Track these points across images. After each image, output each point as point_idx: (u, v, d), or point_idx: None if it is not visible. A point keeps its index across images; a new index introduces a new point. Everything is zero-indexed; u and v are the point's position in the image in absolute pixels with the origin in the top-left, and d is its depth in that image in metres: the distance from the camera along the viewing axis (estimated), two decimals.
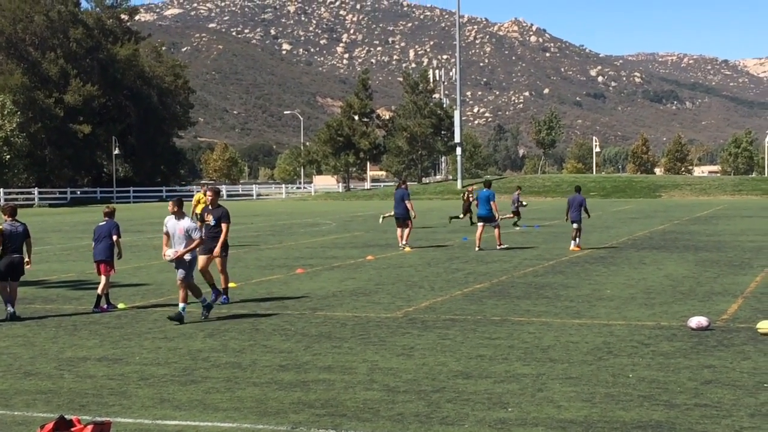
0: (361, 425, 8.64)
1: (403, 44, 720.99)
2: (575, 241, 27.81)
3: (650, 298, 17.01)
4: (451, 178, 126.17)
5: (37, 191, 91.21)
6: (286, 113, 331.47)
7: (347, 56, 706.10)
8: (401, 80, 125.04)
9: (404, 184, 30.24)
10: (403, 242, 28.86)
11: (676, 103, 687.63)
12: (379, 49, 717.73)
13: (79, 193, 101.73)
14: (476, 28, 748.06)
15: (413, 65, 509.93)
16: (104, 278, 16.52)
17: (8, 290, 15.57)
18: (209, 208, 17.23)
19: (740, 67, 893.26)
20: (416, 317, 15.12)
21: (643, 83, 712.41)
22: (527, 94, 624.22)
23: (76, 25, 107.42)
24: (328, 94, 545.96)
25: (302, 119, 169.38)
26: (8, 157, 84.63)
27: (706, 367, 10.89)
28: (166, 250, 15.36)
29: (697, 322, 13.49)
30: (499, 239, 28.31)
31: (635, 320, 14.47)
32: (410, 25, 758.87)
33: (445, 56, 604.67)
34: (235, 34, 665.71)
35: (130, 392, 10.09)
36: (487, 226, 28.28)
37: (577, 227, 27.87)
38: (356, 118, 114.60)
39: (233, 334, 13.80)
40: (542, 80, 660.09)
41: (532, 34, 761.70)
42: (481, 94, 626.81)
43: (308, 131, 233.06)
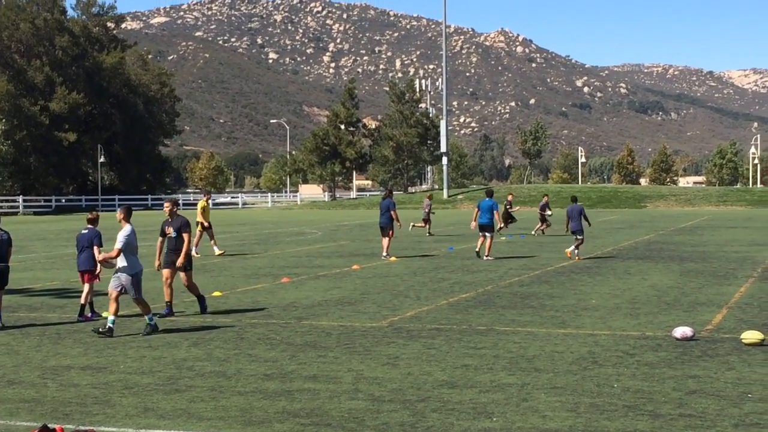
0: None
1: (389, 54, 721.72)
2: (575, 249, 27.86)
3: (635, 308, 17.04)
4: (437, 187, 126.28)
5: (21, 199, 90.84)
6: (272, 122, 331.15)
7: (334, 65, 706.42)
8: (387, 90, 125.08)
9: (390, 194, 30.38)
10: (384, 253, 28.88)
11: (661, 113, 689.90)
12: (365, 58, 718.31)
13: (64, 201, 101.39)
14: (463, 38, 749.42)
15: (399, 75, 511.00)
16: (87, 286, 16.47)
17: None
18: (169, 220, 16.60)
19: (725, 78, 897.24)
20: (402, 327, 15.11)
21: (628, 94, 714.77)
22: (513, 104, 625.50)
23: (62, 32, 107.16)
24: (314, 103, 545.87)
25: (288, 128, 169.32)
26: None
27: (690, 377, 10.91)
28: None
29: (681, 332, 13.52)
30: (489, 250, 28.26)
31: (620, 330, 14.49)
32: (397, 34, 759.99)
33: (431, 66, 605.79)
34: (221, 42, 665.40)
35: (114, 401, 10.05)
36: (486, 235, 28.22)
37: (581, 237, 27.99)
38: (342, 127, 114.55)
39: (218, 343, 13.77)
40: (528, 90, 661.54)
41: (518, 44, 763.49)
42: (467, 104, 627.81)
43: (294, 140, 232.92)
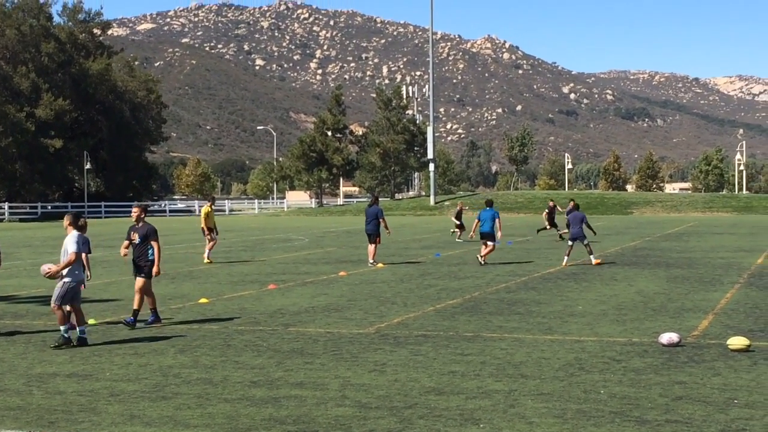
0: None
1: (376, 60, 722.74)
2: (568, 257, 28.01)
3: (622, 314, 17.07)
4: (423, 194, 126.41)
5: (7, 206, 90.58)
6: (259, 129, 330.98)
7: (321, 72, 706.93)
8: (374, 96, 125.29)
9: (377, 200, 30.42)
10: (371, 260, 28.88)
11: (647, 120, 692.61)
12: (352, 65, 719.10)
13: (50, 208, 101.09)
14: (449, 44, 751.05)
15: (386, 81, 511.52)
16: None
17: None
18: (135, 226, 16.20)
19: (711, 85, 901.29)
20: (388, 333, 15.09)
21: (614, 101, 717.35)
22: (500, 110, 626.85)
23: (48, 39, 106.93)
24: (301, 109, 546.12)
25: (275, 135, 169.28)
26: None
27: (677, 383, 10.93)
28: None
29: (668, 338, 13.54)
30: (485, 256, 28.52)
31: (607, 336, 14.51)
32: (384, 41, 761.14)
33: (418, 72, 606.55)
34: (208, 49, 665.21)
35: (99, 408, 10.01)
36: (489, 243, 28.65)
37: (586, 243, 28.04)
38: (329, 133, 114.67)
39: (205, 350, 13.73)
40: (515, 97, 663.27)
41: (505, 51, 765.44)
42: (454, 110, 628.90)
43: (281, 147, 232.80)
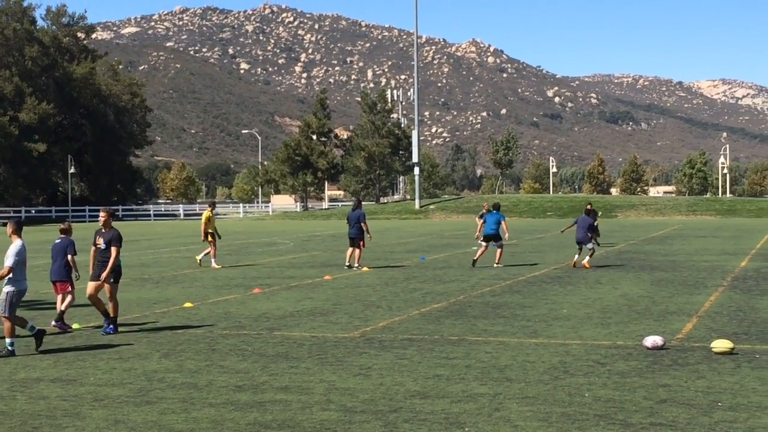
0: None
1: (361, 64, 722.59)
2: (579, 256, 28.37)
3: (606, 317, 17.11)
4: (409, 197, 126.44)
5: None
6: (243, 132, 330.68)
7: (305, 76, 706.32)
8: (359, 100, 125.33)
9: (360, 204, 30.38)
10: (356, 264, 28.86)
11: (631, 124, 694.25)
12: (337, 68, 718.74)
13: (33, 212, 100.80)
14: (434, 48, 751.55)
15: (371, 85, 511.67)
16: (60, 296, 16.30)
17: None
18: (102, 230, 16.05)
19: (695, 88, 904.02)
20: (374, 337, 15.10)
21: (599, 104, 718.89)
22: (485, 114, 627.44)
23: (31, 43, 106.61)
24: (286, 113, 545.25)
25: (260, 138, 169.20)
26: None
27: (661, 386, 10.96)
28: None
29: (652, 341, 13.59)
30: (499, 258, 29.12)
31: (591, 339, 14.55)
32: (368, 45, 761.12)
33: (403, 76, 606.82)
34: (192, 53, 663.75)
35: (84, 413, 9.98)
36: (491, 246, 29.20)
37: (591, 248, 28.23)
38: (314, 137, 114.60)
39: (189, 354, 13.70)
40: (500, 101, 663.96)
41: (489, 54, 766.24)
42: (438, 114, 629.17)
43: (266, 150, 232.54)
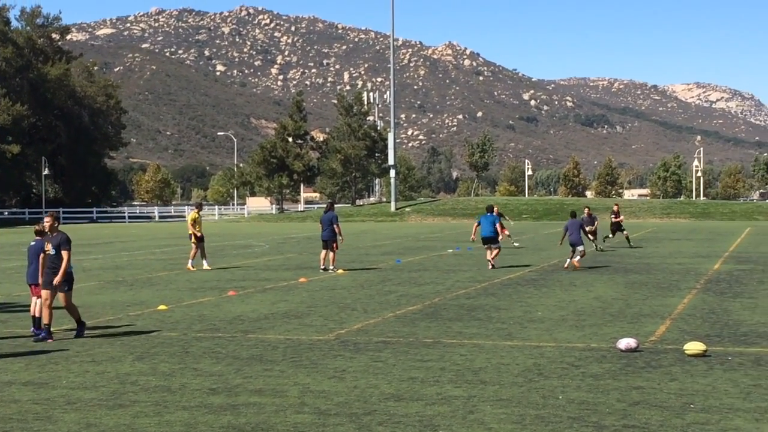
0: None
1: (337, 66, 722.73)
2: (574, 257, 28.66)
3: (581, 319, 17.17)
4: (384, 200, 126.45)
5: None
6: (219, 134, 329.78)
7: (282, 78, 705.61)
8: (336, 102, 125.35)
9: (332, 207, 30.34)
10: (331, 266, 28.85)
11: (606, 127, 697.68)
12: (313, 71, 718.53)
13: (6, 213, 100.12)
14: (410, 51, 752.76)
15: (348, 87, 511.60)
16: (35, 299, 16.11)
17: None
18: (49, 235, 15.58)
19: (669, 92, 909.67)
20: (348, 339, 15.08)
21: (574, 107, 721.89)
22: (461, 117, 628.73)
23: (5, 43, 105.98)
24: (262, 115, 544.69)
25: (236, 141, 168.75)
26: None
27: (634, 388, 11.00)
28: None
29: (626, 343, 13.63)
30: (494, 258, 29.45)
31: (566, 342, 14.58)
32: (345, 47, 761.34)
33: (379, 79, 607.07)
34: (168, 54, 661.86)
35: (56, 417, 9.91)
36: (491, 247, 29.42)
37: (582, 250, 28.59)
38: (290, 139, 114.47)
39: (163, 357, 13.64)
40: (476, 103, 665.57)
41: (465, 57, 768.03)
42: (415, 116, 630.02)
43: (242, 153, 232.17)
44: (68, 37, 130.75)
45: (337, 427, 9.32)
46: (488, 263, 29.41)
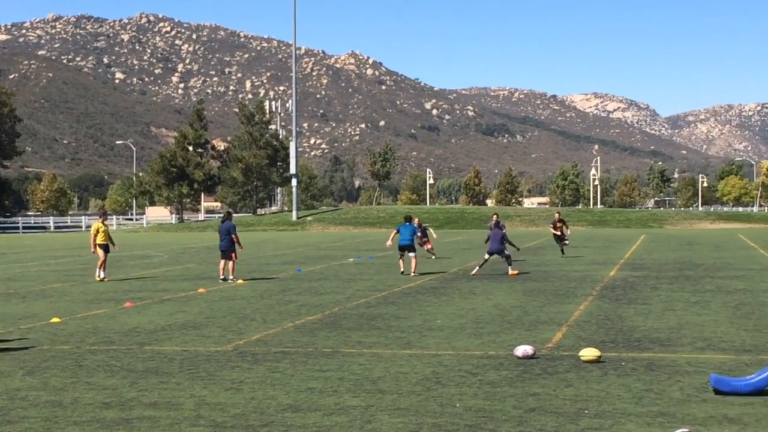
0: None
1: (239, 75, 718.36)
2: (481, 267, 29.63)
3: (479, 327, 17.28)
4: (286, 209, 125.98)
5: None
6: (118, 143, 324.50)
7: (182, 86, 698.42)
8: (237, 111, 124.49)
9: (230, 216, 30.10)
10: (230, 276, 28.62)
11: (507, 136, 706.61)
12: (215, 79, 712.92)
13: None
14: (313, 60, 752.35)
15: (250, 96, 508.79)
16: None
17: None
18: None
19: (568, 102, 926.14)
20: (247, 350, 14.93)
21: (475, 117, 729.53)
22: (363, 126, 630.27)
23: None
24: (162, 124, 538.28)
25: (135, 149, 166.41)
26: None
27: (530, 394, 11.10)
28: None
29: (523, 350, 13.76)
30: (414, 268, 29.99)
31: (464, 350, 14.65)
32: (247, 55, 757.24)
33: (282, 87, 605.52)
34: (65, 61, 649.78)
35: None
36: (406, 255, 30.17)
37: (505, 256, 29.41)
38: (191, 148, 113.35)
39: (55, 371, 13.31)
40: (378, 112, 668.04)
41: (368, 67, 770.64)
42: (317, 125, 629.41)
43: (141, 161, 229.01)
44: None
45: None
46: (401, 270, 30.23)
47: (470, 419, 9.86)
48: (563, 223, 39.78)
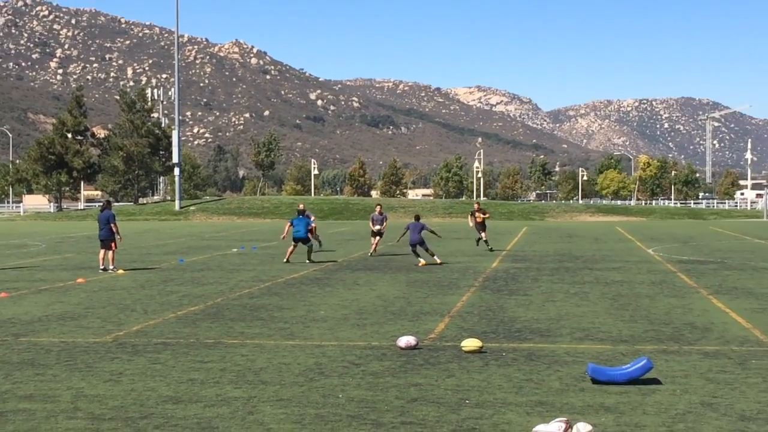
0: None
1: (120, 62, 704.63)
2: (419, 258, 30.20)
3: (362, 318, 17.33)
4: (169, 198, 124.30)
5: None
6: None
7: (61, 72, 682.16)
8: (118, 98, 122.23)
9: (109, 205, 29.56)
10: (110, 266, 28.12)
11: (392, 127, 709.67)
12: (95, 65, 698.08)
13: None
14: (197, 48, 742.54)
15: (131, 83, 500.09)
16: None
17: None
18: None
19: (452, 95, 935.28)
20: (126, 341, 14.68)
21: (360, 108, 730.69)
22: (248, 115, 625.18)
23: None
24: (40, 110, 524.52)
25: (11, 136, 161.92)
26: None
27: (413, 385, 11.17)
28: None
29: (405, 341, 13.84)
30: (309, 257, 31.51)
31: (347, 341, 14.68)
32: (128, 42, 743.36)
33: (164, 75, 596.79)
34: None
35: None
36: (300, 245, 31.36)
37: (425, 247, 30.54)
38: (69, 136, 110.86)
39: None
40: (263, 102, 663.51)
41: (252, 56, 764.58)
42: (201, 114, 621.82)
43: (18, 149, 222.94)
44: None
45: None
46: (287, 258, 31.12)
47: (353, 410, 9.88)
48: (483, 212, 38.21)
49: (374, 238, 34.50)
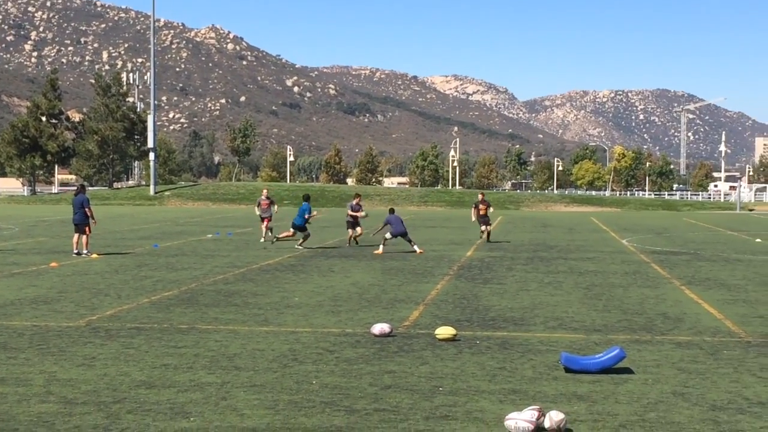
0: None
1: (96, 45, 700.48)
2: (383, 245, 30.80)
3: (337, 305, 17.33)
4: (144, 183, 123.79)
5: None
6: None
7: (36, 55, 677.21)
8: (93, 82, 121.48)
9: (83, 189, 29.43)
10: (84, 250, 27.99)
11: (368, 115, 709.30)
12: (70, 48, 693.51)
13: None
14: (173, 32, 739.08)
15: (107, 67, 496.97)
16: None
17: None
18: None
19: (429, 83, 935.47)
20: (100, 326, 14.62)
21: (337, 95, 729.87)
22: (224, 101, 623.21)
23: None
24: (14, 93, 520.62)
25: None
26: None
27: (386, 372, 11.19)
28: None
29: (380, 328, 13.86)
30: (303, 241, 31.66)
31: (321, 327, 14.68)
32: (104, 25, 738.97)
33: (140, 59, 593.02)
34: None
35: None
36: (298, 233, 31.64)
37: (408, 238, 30.84)
38: (44, 119, 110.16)
39: None
40: (239, 88, 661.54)
41: (229, 41, 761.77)
42: (176, 99, 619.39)
43: None
44: None
45: (84, 416, 9.00)
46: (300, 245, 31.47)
47: (326, 396, 9.89)
48: (487, 204, 37.49)
49: (351, 230, 34.32)
